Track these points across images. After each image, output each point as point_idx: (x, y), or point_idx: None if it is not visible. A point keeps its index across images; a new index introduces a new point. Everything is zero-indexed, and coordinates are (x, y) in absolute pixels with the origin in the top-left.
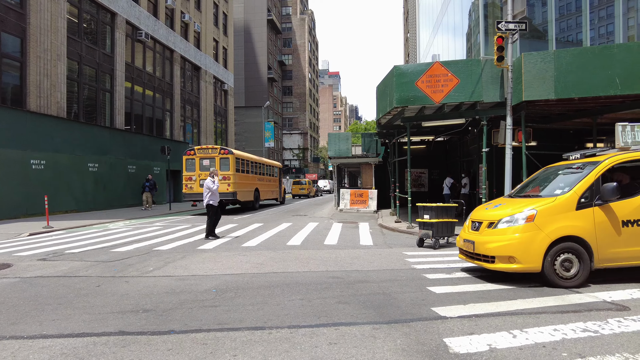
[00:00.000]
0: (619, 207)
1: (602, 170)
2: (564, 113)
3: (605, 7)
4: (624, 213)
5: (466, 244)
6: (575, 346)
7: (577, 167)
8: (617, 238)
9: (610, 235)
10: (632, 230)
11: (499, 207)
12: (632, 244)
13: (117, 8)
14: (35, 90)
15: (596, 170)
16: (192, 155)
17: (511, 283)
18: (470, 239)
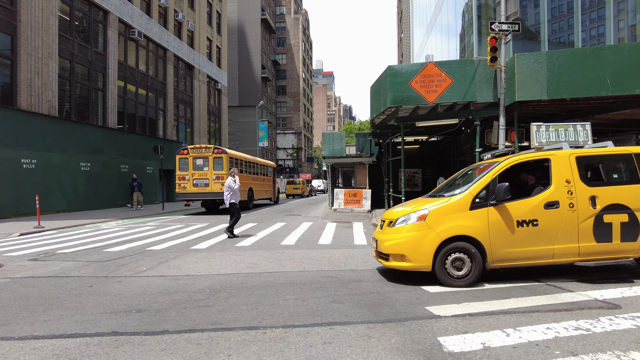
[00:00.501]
0: (515, 208)
1: (499, 171)
2: (556, 114)
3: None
4: (519, 213)
5: (373, 242)
6: (567, 344)
7: (483, 167)
8: (511, 238)
9: (504, 235)
10: (527, 230)
11: (404, 206)
12: (527, 244)
13: (109, 6)
14: (26, 89)
15: (493, 171)
16: (186, 155)
17: (505, 282)
18: (375, 237)
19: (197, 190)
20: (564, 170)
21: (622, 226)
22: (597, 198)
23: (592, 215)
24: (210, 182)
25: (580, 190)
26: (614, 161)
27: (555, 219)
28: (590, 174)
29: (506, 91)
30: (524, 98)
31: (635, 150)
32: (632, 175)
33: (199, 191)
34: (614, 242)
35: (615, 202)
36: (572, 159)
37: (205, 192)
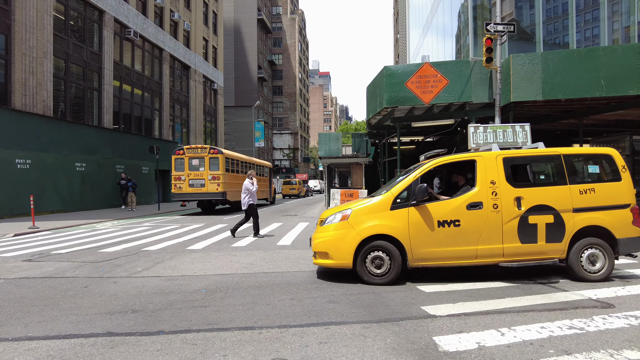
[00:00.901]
0: (437, 208)
1: (421, 173)
2: (551, 114)
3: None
4: (441, 214)
5: (310, 242)
6: (561, 343)
7: (413, 169)
8: (432, 238)
9: (424, 235)
10: (448, 231)
11: (339, 206)
12: (449, 244)
13: (105, 5)
14: (21, 89)
15: (415, 173)
16: (182, 155)
17: (500, 281)
18: (311, 236)
19: (193, 190)
20: (490, 172)
21: (548, 227)
22: (522, 199)
23: (517, 216)
24: (206, 182)
25: (505, 191)
26: (543, 162)
27: (478, 219)
28: (518, 175)
29: (502, 92)
30: (519, 99)
31: (565, 151)
32: (560, 176)
33: (195, 191)
34: (539, 243)
35: (541, 203)
36: (499, 160)
37: (202, 193)
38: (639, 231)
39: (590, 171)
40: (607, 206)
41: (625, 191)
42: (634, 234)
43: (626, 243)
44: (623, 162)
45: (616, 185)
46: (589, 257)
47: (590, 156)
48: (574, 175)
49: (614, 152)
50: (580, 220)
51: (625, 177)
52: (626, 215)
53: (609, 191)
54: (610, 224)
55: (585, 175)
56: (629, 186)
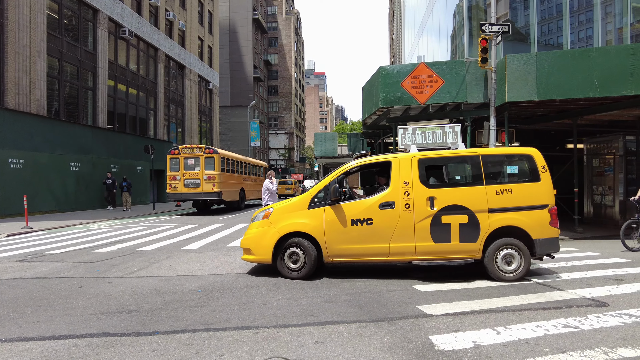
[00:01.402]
0: (351, 207)
1: (338, 174)
2: (546, 114)
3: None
4: (354, 212)
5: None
6: (556, 341)
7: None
8: (346, 235)
9: (339, 233)
10: (361, 229)
11: (269, 205)
12: (361, 241)
13: (99, 4)
14: (14, 88)
15: (333, 173)
16: (177, 155)
17: (495, 281)
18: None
19: (188, 190)
20: (404, 173)
21: (462, 227)
22: (435, 199)
23: (430, 215)
24: (201, 182)
25: (418, 192)
26: (461, 162)
27: (391, 218)
28: (433, 175)
29: (497, 92)
30: (514, 99)
31: (483, 151)
32: (476, 177)
33: (190, 191)
34: (452, 242)
35: (455, 203)
36: (414, 161)
37: (197, 193)
38: (556, 232)
39: (508, 172)
40: (525, 207)
41: (544, 192)
42: (550, 235)
43: (543, 244)
44: (543, 163)
45: (535, 185)
46: (505, 258)
47: (510, 156)
48: (491, 175)
49: (534, 152)
50: (495, 221)
51: (545, 178)
52: (544, 216)
53: (527, 192)
54: (526, 225)
55: (505, 176)
56: (548, 187)
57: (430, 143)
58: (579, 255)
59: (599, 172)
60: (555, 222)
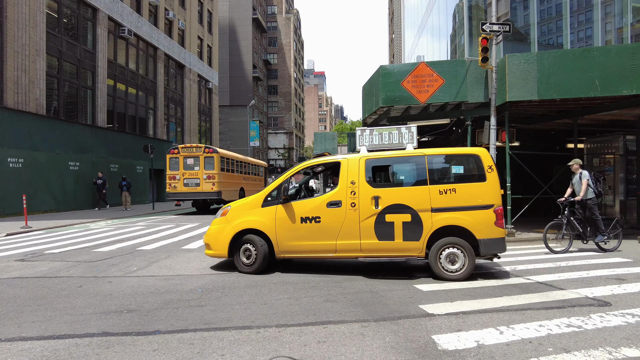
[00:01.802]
0: (300, 206)
1: (289, 174)
2: (546, 114)
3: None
4: (303, 211)
5: None
6: (560, 341)
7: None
8: (295, 232)
9: (289, 230)
10: (309, 226)
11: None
12: (310, 238)
13: (98, 3)
14: (13, 86)
15: (286, 174)
16: (176, 154)
17: (497, 280)
18: None
19: (187, 190)
20: (351, 173)
21: (405, 225)
22: (380, 198)
23: (374, 214)
24: (201, 181)
25: (364, 191)
26: (407, 163)
27: (337, 216)
28: (380, 176)
29: (497, 91)
30: (515, 98)
31: (429, 152)
32: (421, 177)
33: (189, 191)
34: (396, 240)
35: (398, 202)
36: (362, 162)
37: (196, 192)
38: (501, 232)
39: (454, 172)
40: (469, 206)
41: (489, 192)
42: (495, 235)
43: (487, 244)
44: (490, 163)
45: (481, 185)
46: (449, 256)
47: (456, 157)
48: (436, 175)
49: (481, 152)
50: (438, 220)
51: (491, 178)
52: (489, 216)
53: (472, 191)
54: (470, 225)
55: (451, 176)
56: (494, 187)
57: (387, 144)
58: (580, 255)
59: (599, 172)
60: (501, 222)
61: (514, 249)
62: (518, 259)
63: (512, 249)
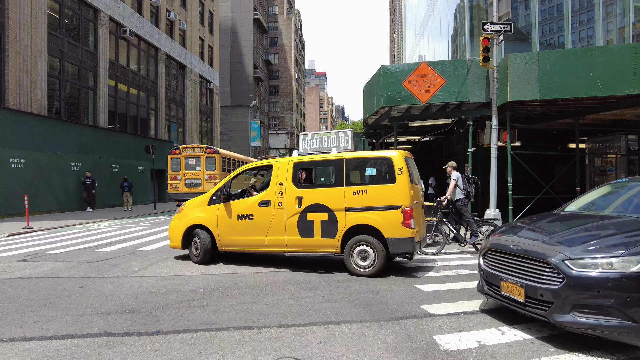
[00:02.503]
0: (237, 204)
1: (231, 177)
2: (548, 114)
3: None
4: (240, 209)
5: None
6: (562, 341)
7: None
8: (233, 228)
9: (228, 226)
10: (244, 223)
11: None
12: (245, 234)
13: (100, 4)
14: (15, 87)
15: (228, 176)
16: (178, 155)
17: None
18: None
19: (189, 190)
20: (281, 175)
21: (322, 224)
22: (302, 198)
23: (297, 213)
24: (202, 182)
25: (290, 192)
26: (328, 166)
27: (267, 214)
28: (305, 177)
29: (498, 91)
30: (516, 98)
31: (347, 155)
32: (339, 178)
33: (191, 191)
34: (315, 237)
35: (318, 202)
36: (290, 165)
37: (198, 192)
38: (408, 232)
39: (367, 174)
40: (379, 207)
41: (398, 193)
42: (402, 235)
43: (395, 243)
44: (401, 165)
45: (390, 187)
46: (360, 253)
47: (371, 160)
48: (352, 177)
49: (393, 156)
50: (351, 219)
51: (400, 180)
52: (397, 216)
53: (382, 193)
54: (379, 224)
55: (365, 178)
56: (403, 188)
57: (325, 147)
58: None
59: (601, 172)
60: (408, 222)
61: None
62: None
63: None
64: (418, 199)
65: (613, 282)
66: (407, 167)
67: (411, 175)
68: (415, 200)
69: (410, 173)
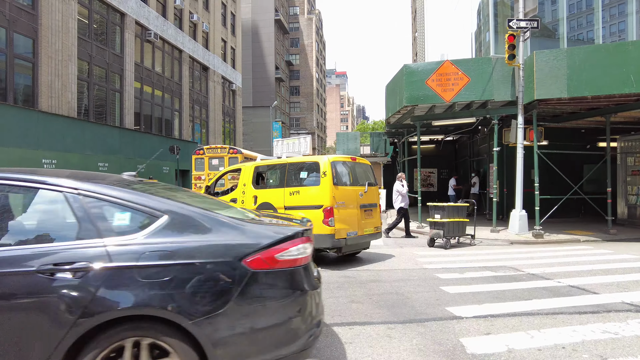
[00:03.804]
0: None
1: (215, 178)
2: (576, 112)
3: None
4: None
5: None
6: (596, 347)
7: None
8: None
9: None
10: None
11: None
12: None
13: (126, 9)
14: (47, 91)
15: (214, 178)
16: (201, 155)
17: (525, 282)
18: None
19: (217, 190)
20: (245, 177)
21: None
22: (257, 197)
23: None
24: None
25: (249, 192)
26: (276, 169)
27: None
28: (261, 179)
29: (524, 89)
30: (543, 96)
31: (289, 161)
32: (281, 180)
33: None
34: None
35: (266, 200)
36: (252, 169)
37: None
38: (327, 229)
39: (301, 176)
40: (307, 206)
41: (321, 194)
42: (323, 231)
43: (317, 238)
44: (325, 169)
45: (316, 188)
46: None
47: (304, 164)
48: (291, 179)
49: (320, 160)
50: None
51: (324, 182)
52: (319, 214)
53: (310, 193)
54: None
55: (299, 180)
56: (325, 190)
57: (292, 151)
58: (614, 258)
59: (634, 172)
60: (327, 220)
61: (543, 251)
62: (546, 262)
63: (541, 251)
64: (346, 200)
65: None
66: (332, 171)
67: (338, 177)
68: (341, 201)
69: (337, 176)
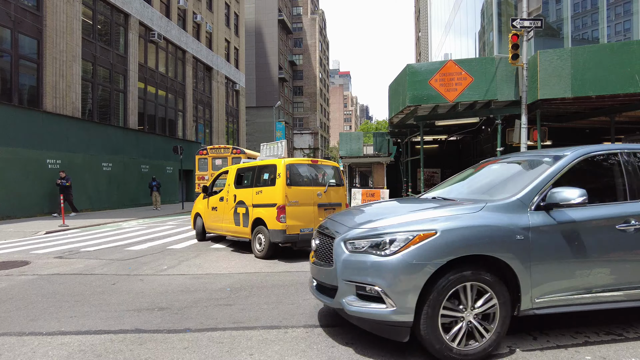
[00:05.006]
0: (212, 199)
1: (212, 178)
2: (580, 112)
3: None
4: (213, 202)
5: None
6: (599, 349)
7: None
8: (211, 216)
9: (209, 215)
10: (214, 213)
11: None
12: (216, 221)
13: (130, 9)
14: (51, 91)
15: (211, 179)
16: (205, 155)
17: None
18: None
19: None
20: (230, 178)
21: (243, 216)
22: (236, 196)
23: (233, 207)
24: None
25: (231, 191)
26: (249, 171)
27: (222, 207)
28: (240, 180)
29: (528, 89)
30: (547, 96)
31: (258, 163)
32: (253, 180)
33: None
34: (241, 226)
35: (242, 199)
36: (235, 170)
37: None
38: (279, 225)
39: (263, 177)
40: (267, 204)
41: (276, 193)
42: (277, 227)
43: (272, 233)
44: (280, 171)
45: (272, 188)
46: (258, 239)
47: (266, 166)
48: (259, 180)
49: (277, 163)
50: (255, 213)
51: (278, 183)
52: (274, 212)
53: (269, 193)
54: (266, 218)
55: (261, 181)
56: (279, 190)
57: (271, 154)
58: None
59: None
60: (279, 217)
61: None
62: None
63: None
64: (301, 199)
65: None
66: (286, 173)
67: (293, 178)
68: (294, 199)
69: (292, 177)
